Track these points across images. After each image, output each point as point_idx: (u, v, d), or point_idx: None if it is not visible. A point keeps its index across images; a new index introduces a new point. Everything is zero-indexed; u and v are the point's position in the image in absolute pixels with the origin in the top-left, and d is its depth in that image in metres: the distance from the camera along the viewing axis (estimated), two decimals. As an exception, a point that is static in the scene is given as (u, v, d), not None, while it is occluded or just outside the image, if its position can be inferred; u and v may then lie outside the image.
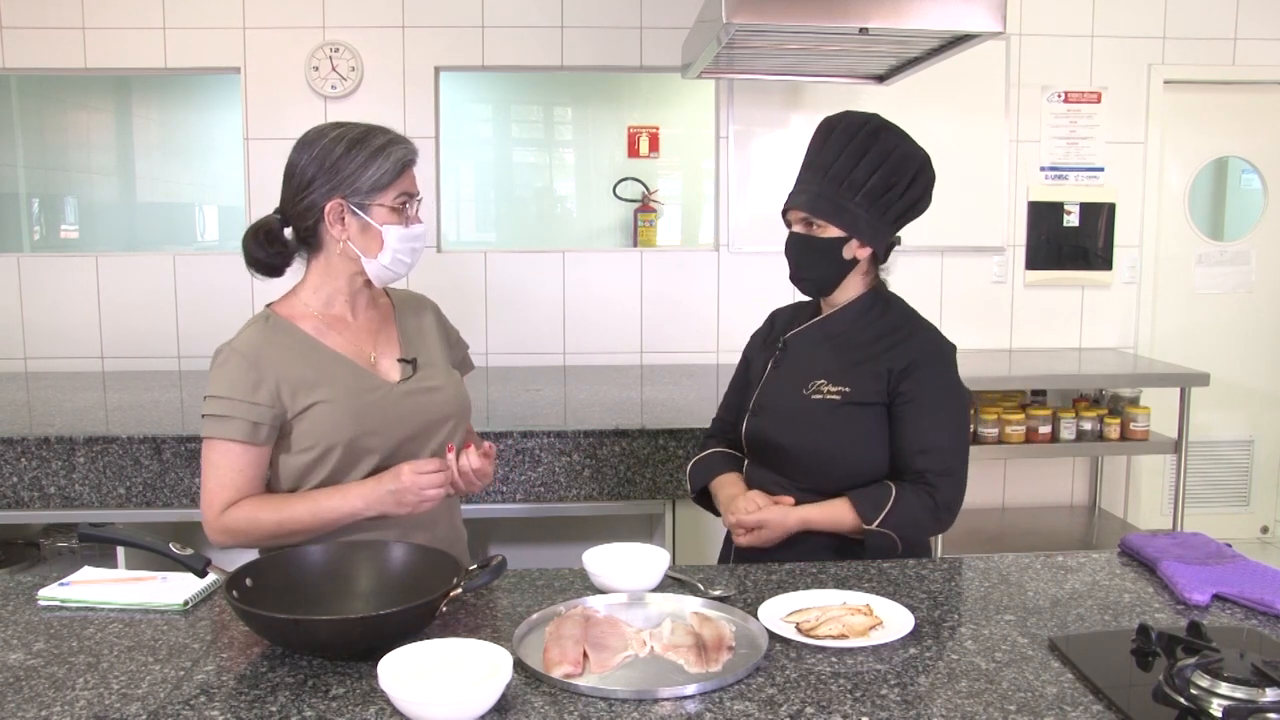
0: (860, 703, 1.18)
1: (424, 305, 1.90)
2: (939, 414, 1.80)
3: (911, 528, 1.77)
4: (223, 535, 1.62)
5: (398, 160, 1.65)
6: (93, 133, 5.13)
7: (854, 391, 1.82)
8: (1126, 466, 4.28)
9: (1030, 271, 4.17)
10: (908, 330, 1.87)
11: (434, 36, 3.90)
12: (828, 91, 3.92)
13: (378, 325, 1.78)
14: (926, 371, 1.81)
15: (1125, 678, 1.25)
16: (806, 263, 1.86)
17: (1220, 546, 1.69)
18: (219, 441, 1.61)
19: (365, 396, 1.67)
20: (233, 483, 1.61)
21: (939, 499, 1.77)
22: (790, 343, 1.95)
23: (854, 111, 1.86)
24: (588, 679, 1.23)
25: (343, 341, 1.71)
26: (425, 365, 1.78)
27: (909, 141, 1.83)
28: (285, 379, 1.63)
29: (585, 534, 2.89)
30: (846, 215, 1.80)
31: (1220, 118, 4.23)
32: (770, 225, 3.96)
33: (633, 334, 4.06)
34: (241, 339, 1.67)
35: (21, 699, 1.20)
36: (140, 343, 3.93)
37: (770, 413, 1.92)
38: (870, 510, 1.76)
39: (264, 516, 1.61)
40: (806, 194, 1.83)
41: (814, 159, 1.85)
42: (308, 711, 1.17)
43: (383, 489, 1.61)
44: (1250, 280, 4.30)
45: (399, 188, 1.66)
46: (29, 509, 2.68)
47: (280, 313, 1.72)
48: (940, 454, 1.79)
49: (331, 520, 1.62)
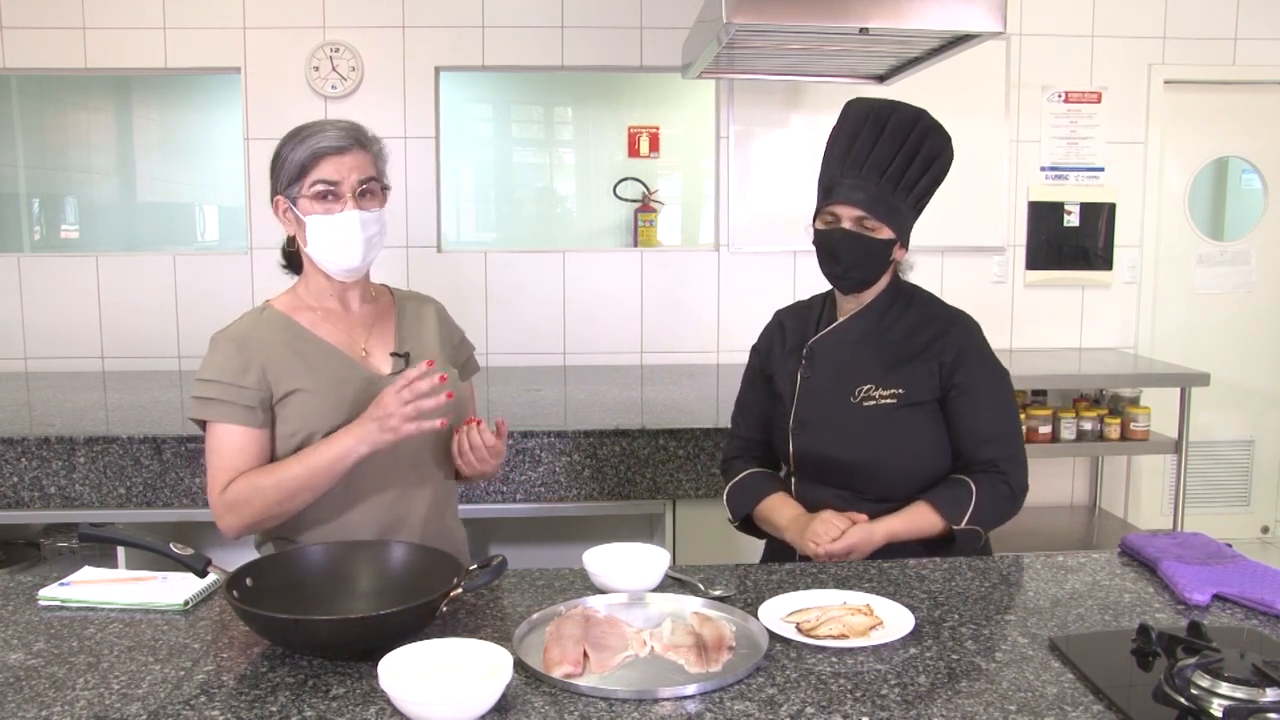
0: (860, 703, 1.18)
1: (426, 303, 1.91)
2: (995, 399, 1.80)
3: (996, 518, 1.79)
4: (228, 514, 1.63)
5: (310, 147, 1.65)
6: (93, 133, 5.12)
7: (908, 393, 1.79)
8: (1126, 466, 4.28)
9: (1030, 271, 4.17)
10: (944, 320, 1.85)
11: (434, 36, 3.90)
12: (828, 91, 3.92)
13: (374, 319, 1.79)
14: (974, 358, 1.81)
15: (1125, 678, 1.25)
16: (857, 262, 1.82)
17: (1220, 546, 1.68)
18: (218, 425, 1.65)
19: (349, 387, 1.68)
20: (234, 464, 1.64)
21: (1014, 484, 1.79)
22: (817, 348, 1.89)
23: (901, 104, 1.83)
24: (588, 679, 1.23)
25: (335, 333, 1.74)
26: (419, 361, 1.78)
27: (950, 144, 1.83)
28: (270, 363, 1.66)
29: (585, 534, 2.89)
30: (898, 218, 1.81)
31: (1220, 118, 4.23)
32: (770, 225, 4.00)
33: (633, 334, 4.06)
34: (233, 327, 1.73)
35: (21, 699, 1.20)
36: (140, 343, 3.93)
37: (819, 426, 1.85)
38: (954, 511, 1.75)
39: (262, 480, 1.62)
40: (865, 193, 1.79)
41: (867, 154, 1.80)
42: (308, 711, 1.17)
43: (366, 418, 1.61)
44: (1250, 280, 4.30)
45: (314, 174, 1.65)
46: (29, 509, 2.68)
47: (277, 306, 1.76)
48: (1003, 440, 1.80)
49: (323, 467, 1.60)
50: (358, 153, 1.68)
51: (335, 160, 1.66)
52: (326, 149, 1.66)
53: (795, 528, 1.83)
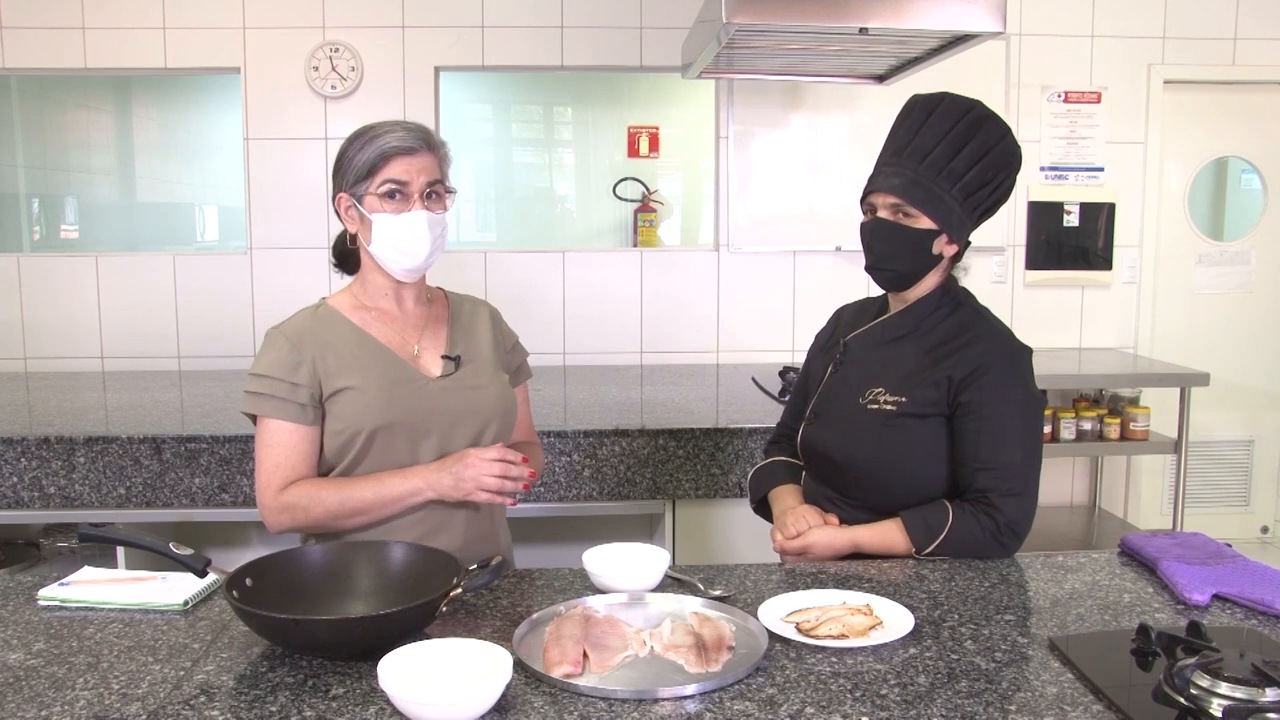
0: (860, 703, 1.18)
1: (481, 307, 1.91)
2: (1004, 427, 1.67)
3: (969, 552, 1.66)
4: (281, 514, 1.65)
5: (379, 147, 1.66)
6: (93, 133, 5.13)
7: (910, 402, 1.70)
8: (1126, 466, 4.28)
9: (1030, 271, 4.17)
10: (973, 334, 1.73)
11: (434, 36, 3.90)
12: (828, 91, 3.93)
13: (427, 321, 1.80)
14: (991, 380, 1.67)
15: (1125, 678, 1.25)
16: (891, 253, 1.73)
17: (1220, 546, 1.68)
18: (271, 421, 1.66)
19: (399, 387, 1.69)
20: (288, 461, 1.65)
21: (1001, 521, 1.65)
22: (851, 345, 1.84)
23: (956, 95, 1.75)
24: (588, 679, 1.23)
25: (388, 333, 1.75)
26: (469, 363, 1.78)
27: (1011, 137, 1.72)
28: (322, 360, 1.68)
29: (585, 534, 2.89)
30: (941, 207, 1.68)
31: (1220, 118, 4.23)
32: (770, 225, 4.01)
33: (633, 334, 4.06)
34: (289, 323, 1.73)
35: (21, 699, 1.20)
36: (140, 343, 3.93)
37: (825, 422, 1.82)
38: (923, 535, 1.66)
39: (326, 494, 1.64)
40: (900, 178, 1.69)
41: (907, 141, 1.71)
42: (308, 711, 1.17)
43: (445, 469, 1.65)
44: (1250, 280, 4.30)
45: (383, 174, 1.66)
46: (29, 509, 2.68)
47: (331, 304, 1.77)
48: (1005, 471, 1.66)
49: (393, 498, 1.65)
50: (426, 154, 1.69)
51: (405, 161, 1.67)
52: (396, 149, 1.66)
53: (779, 515, 1.84)
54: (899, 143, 1.74)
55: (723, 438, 2.76)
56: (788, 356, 3.97)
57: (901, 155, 1.73)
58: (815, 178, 4.00)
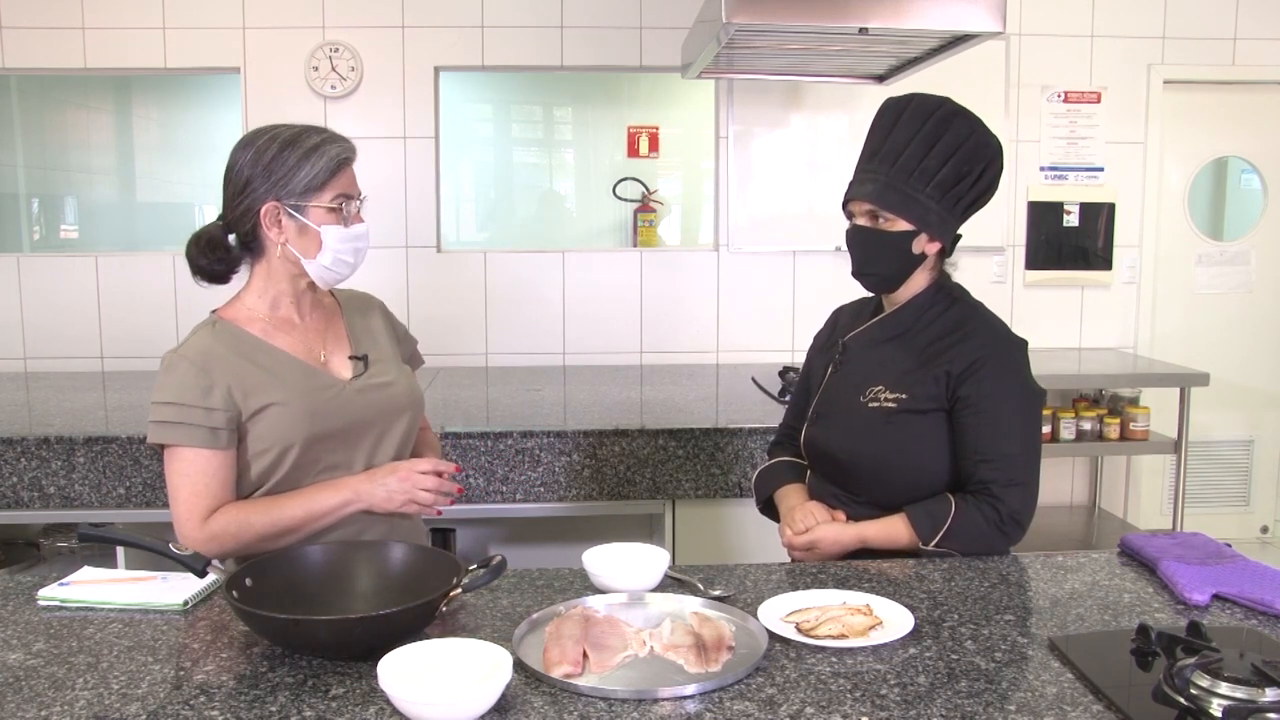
0: (860, 703, 1.18)
1: (370, 303, 1.90)
2: (1003, 419, 1.70)
3: (974, 544, 1.69)
4: (208, 544, 1.58)
5: (331, 159, 1.64)
6: (93, 133, 5.12)
7: (910, 398, 1.73)
8: (1126, 466, 4.29)
9: (1030, 271, 4.17)
10: (968, 329, 1.76)
11: (434, 36, 3.90)
12: (828, 91, 3.93)
13: (325, 325, 1.78)
14: (988, 373, 1.70)
15: (1125, 678, 1.25)
16: (871, 258, 1.76)
17: (1220, 546, 1.68)
18: (184, 449, 1.60)
19: (318, 395, 1.67)
20: (208, 489, 1.60)
21: (1003, 511, 1.68)
22: (849, 345, 1.87)
23: (924, 94, 1.76)
24: (588, 679, 1.23)
25: (292, 343, 1.71)
26: (376, 362, 1.78)
27: (982, 129, 1.74)
28: (236, 382, 1.62)
29: (585, 534, 2.89)
30: (916, 207, 1.70)
31: (1220, 118, 4.23)
32: (770, 225, 4.00)
33: (633, 334, 4.06)
34: (188, 345, 1.66)
35: (21, 699, 1.20)
36: (140, 343, 3.93)
37: (827, 421, 1.84)
38: (928, 528, 1.69)
39: (255, 518, 1.61)
40: (873, 183, 1.72)
41: (879, 145, 1.73)
42: (308, 711, 1.17)
43: (375, 482, 1.64)
44: (1250, 280, 4.31)
45: (335, 188, 1.65)
46: (29, 509, 2.68)
47: (227, 317, 1.71)
48: (1005, 462, 1.69)
49: (323, 513, 1.63)
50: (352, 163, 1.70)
51: (349, 172, 1.67)
52: (346, 160, 1.66)
53: (786, 514, 1.86)
54: (872, 147, 1.77)
55: (722, 438, 2.76)
56: (787, 356, 3.97)
57: (874, 160, 1.75)
58: (815, 178, 4.00)
